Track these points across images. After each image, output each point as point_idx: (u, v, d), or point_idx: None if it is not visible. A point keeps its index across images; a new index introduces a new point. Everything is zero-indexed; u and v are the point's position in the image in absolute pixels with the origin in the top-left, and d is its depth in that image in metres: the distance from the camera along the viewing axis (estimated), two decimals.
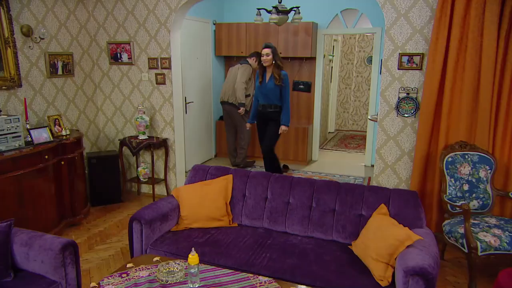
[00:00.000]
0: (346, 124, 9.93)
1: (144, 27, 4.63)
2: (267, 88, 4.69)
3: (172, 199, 3.18)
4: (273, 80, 4.65)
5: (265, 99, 4.78)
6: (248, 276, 2.23)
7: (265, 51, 4.60)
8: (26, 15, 4.04)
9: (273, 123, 4.82)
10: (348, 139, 8.84)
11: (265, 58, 4.60)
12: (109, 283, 2.13)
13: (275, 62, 4.63)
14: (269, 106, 4.78)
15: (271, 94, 4.70)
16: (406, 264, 2.18)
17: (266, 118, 4.87)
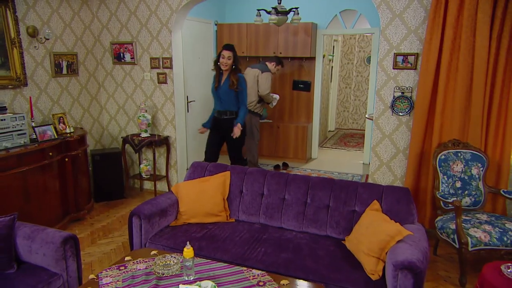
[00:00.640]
0: (346, 123, 9.93)
1: (146, 27, 4.66)
2: (221, 93, 4.23)
3: (171, 195, 3.21)
4: (227, 84, 4.17)
5: (220, 105, 4.31)
6: (242, 269, 2.25)
7: (226, 54, 4.10)
8: (32, 16, 4.08)
9: (230, 133, 4.29)
10: (347, 138, 8.84)
11: (226, 61, 4.10)
12: (107, 275, 2.16)
13: (235, 65, 4.18)
14: (224, 112, 4.29)
15: (226, 99, 4.23)
16: (396, 259, 2.20)
17: (221, 126, 4.36)
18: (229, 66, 4.13)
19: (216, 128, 4.42)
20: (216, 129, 4.42)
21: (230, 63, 4.12)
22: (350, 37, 9.35)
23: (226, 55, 4.09)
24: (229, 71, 4.17)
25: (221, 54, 4.12)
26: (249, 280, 2.14)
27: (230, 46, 4.18)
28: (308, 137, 6.56)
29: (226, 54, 4.10)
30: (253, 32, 6.44)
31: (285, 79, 6.74)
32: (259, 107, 5.63)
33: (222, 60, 4.10)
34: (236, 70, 4.18)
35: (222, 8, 6.81)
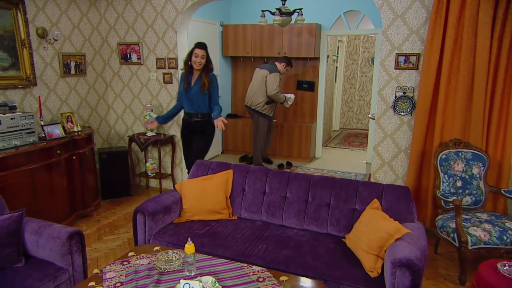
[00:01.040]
0: (350, 123, 9.90)
1: (152, 28, 4.69)
2: (192, 94, 3.84)
3: (175, 193, 3.24)
4: (198, 85, 3.80)
5: (190, 107, 3.93)
6: (242, 266, 2.27)
7: (200, 52, 3.73)
8: (42, 18, 4.13)
9: (200, 136, 4.00)
10: (351, 137, 8.81)
11: (200, 60, 3.74)
12: (110, 270, 2.19)
13: (207, 65, 3.84)
14: (195, 115, 3.93)
15: (197, 101, 3.86)
16: (394, 256, 2.20)
17: (192, 129, 4.01)
18: (202, 66, 3.79)
19: (188, 131, 4.06)
20: (188, 133, 4.06)
21: (203, 62, 3.77)
22: (354, 37, 9.32)
23: (199, 54, 3.74)
24: (200, 71, 3.83)
25: (194, 52, 3.75)
26: (249, 276, 2.16)
27: (204, 44, 3.81)
28: (312, 137, 6.56)
29: (199, 53, 3.74)
30: (258, 33, 6.45)
31: (290, 79, 6.74)
32: (267, 108, 5.61)
33: (195, 59, 3.74)
34: (208, 70, 3.84)
35: (227, 9, 6.83)
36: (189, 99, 3.89)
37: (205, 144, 4.07)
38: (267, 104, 5.58)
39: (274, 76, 5.45)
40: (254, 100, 5.61)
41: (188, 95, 3.87)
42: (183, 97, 3.94)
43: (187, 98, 3.90)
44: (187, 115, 4.00)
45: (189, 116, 3.98)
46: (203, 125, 3.98)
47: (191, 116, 3.96)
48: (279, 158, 6.55)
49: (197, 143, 4.04)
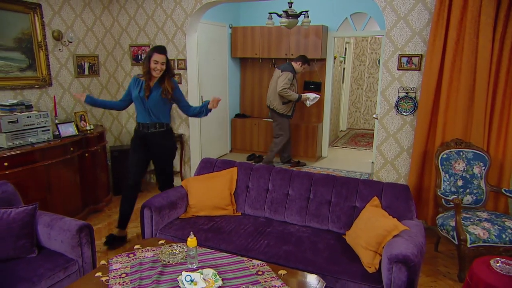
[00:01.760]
0: (357, 123, 9.85)
1: (163, 30, 4.75)
2: (151, 103, 3.34)
3: (181, 189, 3.28)
4: (159, 92, 3.31)
5: (147, 117, 3.39)
6: (243, 259, 2.30)
7: (160, 58, 3.24)
8: (57, 21, 4.23)
9: (161, 150, 3.51)
10: (358, 137, 8.77)
11: (160, 67, 3.25)
12: (117, 262, 2.25)
13: (168, 71, 3.36)
14: (152, 125, 3.41)
15: (157, 110, 3.38)
16: (391, 252, 2.21)
17: (148, 142, 3.46)
18: (163, 72, 3.31)
19: (141, 144, 3.48)
20: (141, 146, 3.49)
21: (164, 68, 3.30)
22: (362, 39, 9.28)
23: (159, 60, 3.24)
24: (159, 77, 3.33)
25: (153, 59, 3.23)
26: (249, 269, 2.19)
27: (163, 48, 3.33)
28: (319, 136, 6.56)
29: (159, 59, 3.24)
30: (266, 35, 6.48)
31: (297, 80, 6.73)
32: (284, 107, 5.63)
33: (155, 65, 3.23)
34: (169, 75, 3.37)
35: (236, 12, 6.87)
36: (147, 108, 3.36)
37: (170, 157, 3.61)
38: (284, 104, 5.61)
39: (285, 75, 5.49)
40: (272, 100, 5.68)
41: (146, 103, 3.34)
42: (139, 106, 3.41)
43: (143, 107, 3.37)
44: (142, 126, 3.43)
45: (145, 127, 3.42)
46: (164, 137, 3.48)
47: (148, 127, 3.41)
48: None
49: (159, 158, 3.57)
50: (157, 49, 3.29)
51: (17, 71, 3.88)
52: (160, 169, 3.65)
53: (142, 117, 3.43)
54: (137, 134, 3.52)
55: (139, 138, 3.49)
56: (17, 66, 3.87)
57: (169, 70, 3.38)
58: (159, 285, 2.01)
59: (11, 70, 3.82)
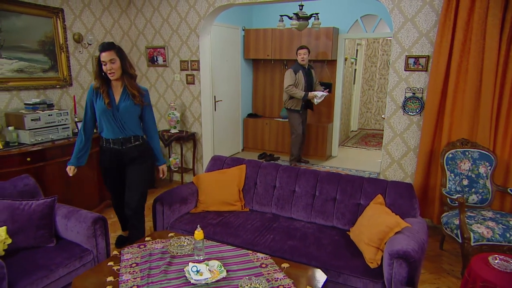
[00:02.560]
0: (368, 123, 9.77)
1: (177, 33, 4.83)
2: (122, 113, 2.76)
3: (192, 185, 3.34)
4: (128, 98, 2.76)
5: (119, 131, 2.80)
6: (248, 253, 2.34)
7: (106, 56, 2.62)
8: (78, 25, 4.34)
9: (137, 166, 2.90)
10: (369, 137, 8.70)
11: (110, 66, 2.64)
12: (128, 252, 2.31)
13: (125, 71, 2.73)
14: (127, 140, 2.83)
15: (131, 121, 2.81)
16: (392, 248, 2.21)
17: (123, 160, 2.89)
18: (119, 73, 2.70)
19: (115, 164, 2.93)
20: (115, 166, 2.94)
21: (117, 67, 2.66)
22: (373, 41, 9.20)
23: (107, 59, 2.63)
24: (120, 80, 2.75)
25: (101, 60, 2.66)
26: (253, 262, 2.22)
27: (109, 44, 2.68)
28: (329, 136, 6.54)
29: (106, 58, 2.63)
30: (278, 37, 6.50)
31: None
32: (291, 102, 5.57)
33: (105, 67, 2.65)
34: (128, 75, 2.75)
35: (249, 14, 6.91)
36: (117, 120, 2.77)
37: (148, 173, 3.02)
38: (291, 99, 5.57)
39: (286, 73, 5.48)
40: (284, 98, 5.69)
41: (115, 114, 2.75)
42: (104, 120, 2.77)
43: (113, 120, 2.76)
44: (114, 142, 2.82)
45: (117, 143, 2.82)
46: (143, 152, 2.92)
47: (122, 143, 2.83)
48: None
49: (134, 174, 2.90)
50: (101, 47, 2.65)
51: (41, 72, 4.01)
52: (134, 189, 2.89)
53: (112, 132, 2.79)
54: (107, 153, 2.87)
55: (111, 157, 2.87)
56: (41, 67, 4.00)
57: (125, 68, 2.71)
58: (167, 275, 2.06)
59: (35, 71, 3.95)
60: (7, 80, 3.70)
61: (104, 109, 2.73)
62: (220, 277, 2.02)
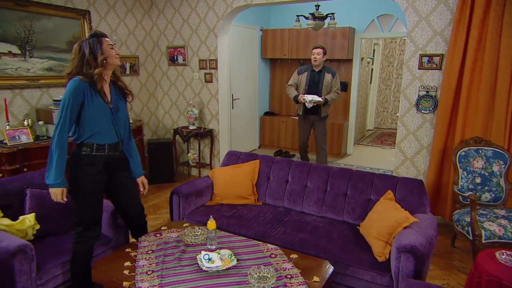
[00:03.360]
0: (385, 123, 9.62)
1: (196, 33, 4.90)
2: (123, 113, 2.34)
3: (207, 179, 3.39)
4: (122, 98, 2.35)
5: (114, 135, 2.29)
6: (259, 243, 2.37)
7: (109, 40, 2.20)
8: (103, 25, 4.47)
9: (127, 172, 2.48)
10: (385, 136, 8.58)
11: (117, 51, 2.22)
12: (145, 240, 2.38)
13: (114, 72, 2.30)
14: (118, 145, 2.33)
15: (124, 121, 2.37)
16: (399, 242, 2.19)
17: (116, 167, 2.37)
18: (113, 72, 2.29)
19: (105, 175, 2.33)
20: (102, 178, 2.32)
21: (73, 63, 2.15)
22: (391, 40, 9.05)
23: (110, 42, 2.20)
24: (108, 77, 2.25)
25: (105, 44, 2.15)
26: (263, 252, 2.25)
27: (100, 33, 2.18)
28: (344, 134, 6.49)
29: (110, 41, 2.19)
30: (295, 36, 6.49)
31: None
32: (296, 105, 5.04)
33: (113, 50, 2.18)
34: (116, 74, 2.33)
35: (267, 15, 6.93)
36: (117, 122, 2.29)
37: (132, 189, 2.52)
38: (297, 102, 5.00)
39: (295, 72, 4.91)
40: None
41: (114, 115, 2.26)
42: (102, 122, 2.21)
43: (112, 122, 2.26)
44: (109, 148, 2.27)
45: (112, 149, 2.30)
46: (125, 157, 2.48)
47: (116, 148, 2.33)
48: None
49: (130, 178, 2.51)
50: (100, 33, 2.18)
51: None
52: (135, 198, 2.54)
53: (109, 136, 2.26)
54: (99, 162, 2.24)
55: (104, 166, 2.28)
56: None
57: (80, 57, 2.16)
58: (180, 262, 2.12)
59: (63, 69, 4.08)
60: (38, 78, 3.85)
61: (105, 109, 2.19)
62: (230, 265, 2.06)
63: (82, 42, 2.15)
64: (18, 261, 2.09)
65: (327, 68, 4.73)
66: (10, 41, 3.58)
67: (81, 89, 2.11)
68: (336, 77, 4.70)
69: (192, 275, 1.99)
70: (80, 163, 2.21)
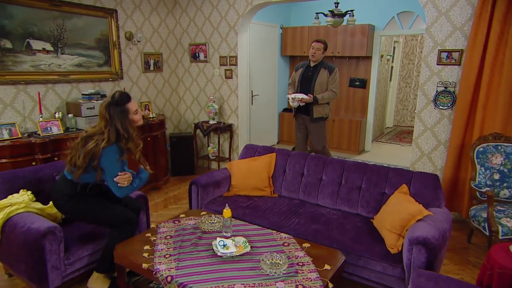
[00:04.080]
0: (404, 120, 9.41)
1: (217, 30, 4.95)
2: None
3: (225, 171, 3.44)
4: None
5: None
6: (272, 232, 2.39)
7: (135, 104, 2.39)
8: (129, 24, 4.59)
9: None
10: (404, 134, 8.40)
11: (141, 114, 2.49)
12: (164, 226, 2.45)
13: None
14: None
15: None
16: (412, 234, 2.17)
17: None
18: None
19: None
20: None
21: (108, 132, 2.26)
22: (411, 38, 8.82)
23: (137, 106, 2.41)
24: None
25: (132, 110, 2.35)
26: (276, 240, 2.28)
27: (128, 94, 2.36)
28: (362, 131, 6.41)
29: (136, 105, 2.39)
30: (314, 34, 6.44)
31: (342, 76, 6.63)
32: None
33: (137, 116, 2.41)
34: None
35: (288, 13, 6.90)
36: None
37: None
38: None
39: None
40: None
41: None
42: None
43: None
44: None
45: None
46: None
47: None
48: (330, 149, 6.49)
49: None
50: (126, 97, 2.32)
51: (96, 67, 4.28)
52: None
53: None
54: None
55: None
56: (96, 62, 4.28)
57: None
58: (196, 247, 2.17)
59: (91, 65, 4.23)
60: (68, 74, 4.00)
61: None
62: (244, 251, 2.10)
63: (109, 108, 2.24)
64: (48, 241, 2.20)
65: (324, 64, 4.14)
66: (44, 39, 3.73)
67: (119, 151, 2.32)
68: (334, 74, 4.08)
69: (207, 260, 2.04)
70: (76, 195, 2.36)
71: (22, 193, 2.53)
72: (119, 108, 2.26)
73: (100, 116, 2.28)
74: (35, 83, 3.69)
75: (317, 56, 4.09)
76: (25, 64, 3.60)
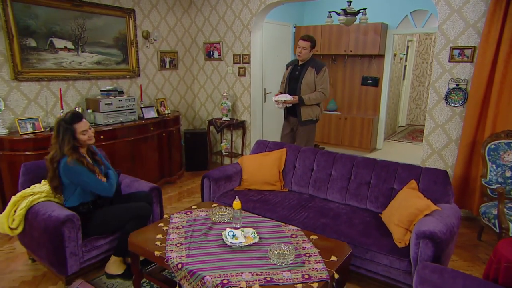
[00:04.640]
0: (417, 119, 9.26)
1: (231, 29, 4.98)
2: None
3: (237, 165, 3.47)
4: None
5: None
6: (281, 224, 2.41)
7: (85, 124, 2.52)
8: (146, 23, 4.67)
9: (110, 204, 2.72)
10: (416, 133, 8.26)
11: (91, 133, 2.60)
12: (176, 217, 2.50)
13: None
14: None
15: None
16: (419, 229, 2.15)
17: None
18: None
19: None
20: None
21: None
22: (425, 37, 8.66)
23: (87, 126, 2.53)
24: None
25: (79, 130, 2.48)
26: (284, 232, 2.29)
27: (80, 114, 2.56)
28: (374, 129, 6.34)
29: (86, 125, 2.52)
30: (327, 33, 6.41)
31: (355, 75, 6.59)
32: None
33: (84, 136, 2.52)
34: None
35: (301, 12, 6.88)
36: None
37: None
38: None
39: None
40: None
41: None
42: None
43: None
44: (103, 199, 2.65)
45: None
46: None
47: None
48: (341, 147, 6.47)
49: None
50: (75, 117, 2.49)
51: (114, 64, 4.38)
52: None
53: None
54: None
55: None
56: (114, 60, 4.37)
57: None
58: (207, 237, 2.21)
59: (110, 63, 4.33)
60: (88, 71, 4.10)
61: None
62: (253, 242, 2.12)
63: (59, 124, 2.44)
64: (67, 228, 2.28)
65: (312, 62, 3.79)
66: (66, 38, 3.84)
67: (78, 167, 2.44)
68: (322, 73, 3.73)
69: (217, 249, 2.07)
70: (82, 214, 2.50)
71: (43, 183, 2.63)
72: (67, 126, 2.43)
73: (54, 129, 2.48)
74: (57, 79, 3.80)
75: (304, 55, 3.77)
76: (48, 62, 3.72)
